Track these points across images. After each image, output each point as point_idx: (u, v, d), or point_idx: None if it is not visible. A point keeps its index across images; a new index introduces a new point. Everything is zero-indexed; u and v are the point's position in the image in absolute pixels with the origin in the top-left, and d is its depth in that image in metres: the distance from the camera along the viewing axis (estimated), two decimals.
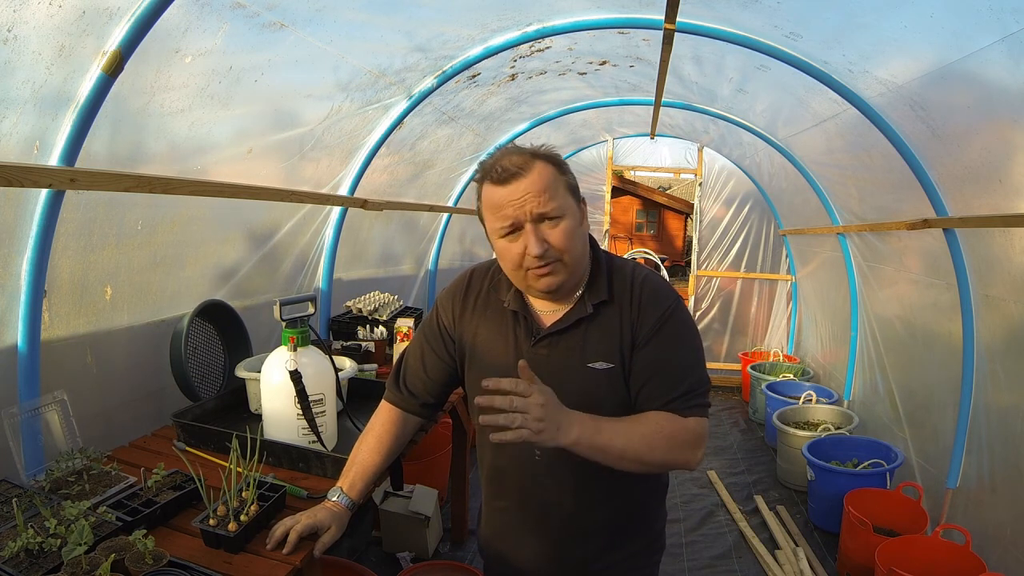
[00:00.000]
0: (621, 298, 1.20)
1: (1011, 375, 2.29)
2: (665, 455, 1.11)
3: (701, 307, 6.01)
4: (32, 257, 1.53)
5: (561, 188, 1.13)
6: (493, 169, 1.12)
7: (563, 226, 1.12)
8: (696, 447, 1.14)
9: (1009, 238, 2.21)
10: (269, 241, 2.62)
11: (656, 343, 1.17)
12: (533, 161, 1.12)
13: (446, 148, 3.84)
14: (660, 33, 2.39)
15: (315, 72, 2.26)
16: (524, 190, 1.10)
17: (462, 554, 2.80)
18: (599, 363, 1.17)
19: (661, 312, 1.18)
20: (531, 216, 1.10)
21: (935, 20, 1.81)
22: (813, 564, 2.83)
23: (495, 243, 1.17)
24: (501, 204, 1.11)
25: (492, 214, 1.14)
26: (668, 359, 1.17)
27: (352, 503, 1.36)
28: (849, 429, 3.57)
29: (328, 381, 1.77)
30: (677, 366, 1.17)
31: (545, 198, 1.10)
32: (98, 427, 1.80)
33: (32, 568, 1.14)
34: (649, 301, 1.18)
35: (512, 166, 1.11)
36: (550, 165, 1.13)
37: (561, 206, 1.12)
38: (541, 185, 1.10)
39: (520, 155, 1.13)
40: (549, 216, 1.11)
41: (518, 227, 1.12)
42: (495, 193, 1.12)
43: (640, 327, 1.17)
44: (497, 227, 1.14)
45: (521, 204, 1.10)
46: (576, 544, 1.28)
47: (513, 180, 1.10)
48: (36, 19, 1.33)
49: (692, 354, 1.20)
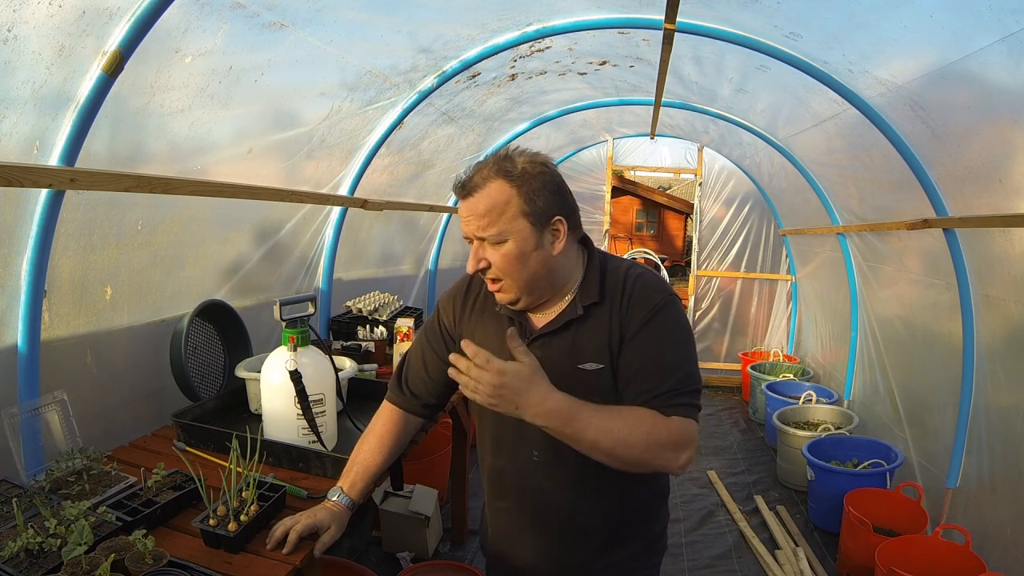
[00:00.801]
0: (612, 297, 1.18)
1: (1011, 375, 2.29)
2: (643, 453, 1.06)
3: (701, 307, 6.01)
4: (32, 257, 1.53)
5: (509, 212, 1.11)
6: (460, 182, 1.15)
7: (504, 250, 1.12)
8: (679, 449, 1.07)
9: (1009, 238, 2.21)
10: (269, 241, 2.62)
11: (642, 338, 1.14)
12: (492, 180, 1.11)
13: (446, 148, 3.84)
14: (660, 33, 2.39)
15: (315, 72, 2.26)
16: (469, 210, 1.13)
17: (462, 554, 2.80)
18: (589, 364, 1.16)
19: (650, 308, 1.15)
20: (474, 235, 1.14)
21: (935, 20, 1.81)
22: (813, 564, 2.83)
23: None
24: (462, 215, 1.15)
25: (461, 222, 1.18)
26: (653, 355, 1.14)
27: (352, 503, 1.36)
28: (849, 429, 3.57)
29: (328, 381, 1.77)
30: (663, 363, 1.13)
31: (485, 222, 1.11)
32: (98, 427, 1.79)
33: (32, 568, 1.14)
34: (639, 298, 1.17)
35: (469, 182, 1.13)
36: (508, 186, 1.11)
37: (504, 231, 1.11)
38: (483, 208, 1.11)
39: (485, 170, 1.13)
40: (489, 241, 1.13)
41: (470, 240, 1.16)
42: (460, 204, 1.16)
43: (628, 323, 1.15)
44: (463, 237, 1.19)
45: (467, 222, 1.14)
46: (575, 544, 1.28)
47: (466, 197, 1.14)
48: (36, 19, 1.33)
49: (680, 351, 1.16)
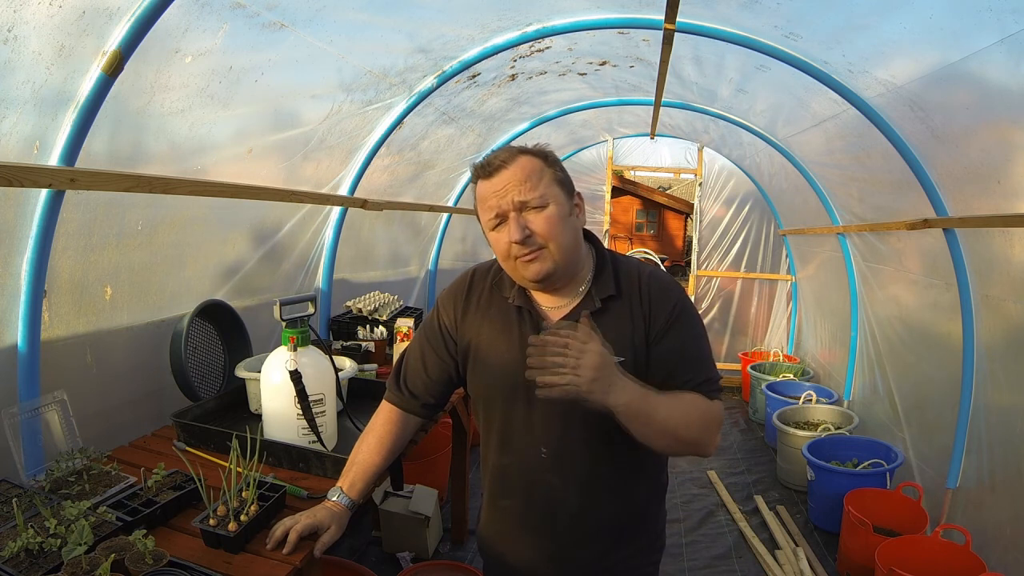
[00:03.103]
0: (630, 293, 1.22)
1: (1011, 375, 2.29)
2: (698, 433, 1.14)
3: (701, 307, 5.99)
4: (32, 257, 1.53)
5: (546, 178, 1.16)
6: (480, 166, 1.18)
7: (546, 213, 1.14)
8: (718, 430, 1.19)
9: (1009, 238, 2.21)
10: (269, 241, 2.62)
11: (673, 335, 1.20)
12: (518, 155, 1.17)
13: (447, 148, 3.84)
14: (660, 33, 2.39)
15: (315, 72, 2.26)
16: (506, 180, 1.14)
17: (462, 554, 2.80)
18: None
19: (672, 306, 1.21)
20: (513, 204, 1.14)
21: (935, 21, 1.81)
22: (813, 564, 2.83)
23: (488, 237, 1.21)
24: (487, 196, 1.16)
25: (481, 207, 1.19)
26: (687, 349, 1.21)
27: (352, 503, 1.36)
28: (849, 429, 3.57)
29: (328, 381, 1.77)
30: (696, 355, 1.22)
31: (527, 187, 1.14)
32: (98, 427, 1.79)
33: (32, 568, 1.14)
34: (658, 295, 1.22)
35: (496, 160, 1.17)
36: (535, 158, 1.17)
37: (544, 195, 1.15)
38: (523, 175, 1.14)
39: (507, 151, 1.18)
40: (531, 204, 1.14)
41: (503, 217, 1.15)
42: (482, 187, 1.18)
43: (653, 321, 1.20)
44: (486, 220, 1.18)
45: (504, 194, 1.14)
46: (580, 543, 1.28)
47: (496, 172, 1.16)
48: (36, 19, 1.33)
49: (705, 344, 1.25)
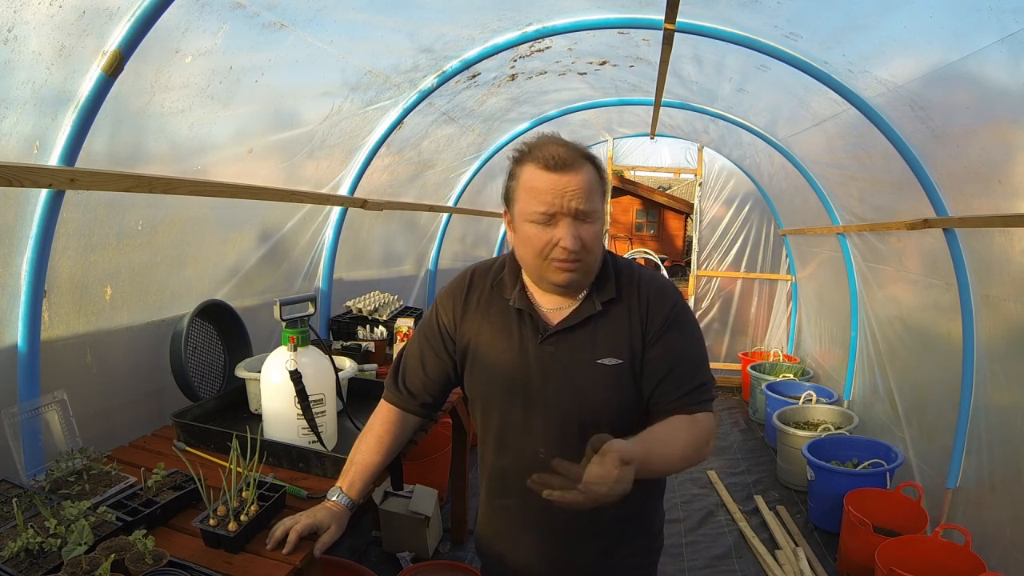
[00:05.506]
0: (628, 296, 1.23)
1: (1011, 375, 2.29)
2: (693, 457, 1.17)
3: (701, 307, 6.00)
4: (32, 257, 1.53)
5: (599, 194, 1.17)
6: (542, 154, 1.12)
7: (595, 228, 1.16)
8: (709, 442, 1.20)
9: (1009, 238, 2.21)
10: (269, 241, 2.62)
11: (667, 340, 1.20)
12: (584, 161, 1.15)
13: (447, 148, 3.84)
14: (660, 33, 2.39)
15: (315, 72, 2.26)
16: (571, 184, 1.11)
17: (462, 554, 2.80)
18: (608, 359, 1.20)
19: (669, 309, 1.22)
20: (573, 211, 1.12)
21: (935, 20, 1.81)
22: (813, 564, 2.83)
23: (521, 226, 1.16)
24: (544, 190, 1.11)
25: (531, 197, 1.13)
26: (680, 355, 1.21)
27: (352, 503, 1.36)
28: (849, 429, 3.57)
29: (328, 381, 1.77)
30: (689, 362, 1.22)
31: (587, 198, 1.13)
32: (98, 427, 1.79)
33: (32, 568, 1.14)
34: (656, 299, 1.22)
35: (565, 156, 1.12)
36: (595, 170, 1.17)
37: (597, 210, 1.16)
38: (587, 185, 1.13)
39: (569, 150, 1.14)
40: (587, 217, 1.13)
41: (554, 217, 1.12)
42: (540, 177, 1.12)
43: (650, 324, 1.21)
44: (532, 210, 1.13)
45: (564, 195, 1.11)
46: (578, 543, 1.28)
47: (563, 170, 1.11)
48: (36, 19, 1.33)
49: (699, 350, 1.25)
